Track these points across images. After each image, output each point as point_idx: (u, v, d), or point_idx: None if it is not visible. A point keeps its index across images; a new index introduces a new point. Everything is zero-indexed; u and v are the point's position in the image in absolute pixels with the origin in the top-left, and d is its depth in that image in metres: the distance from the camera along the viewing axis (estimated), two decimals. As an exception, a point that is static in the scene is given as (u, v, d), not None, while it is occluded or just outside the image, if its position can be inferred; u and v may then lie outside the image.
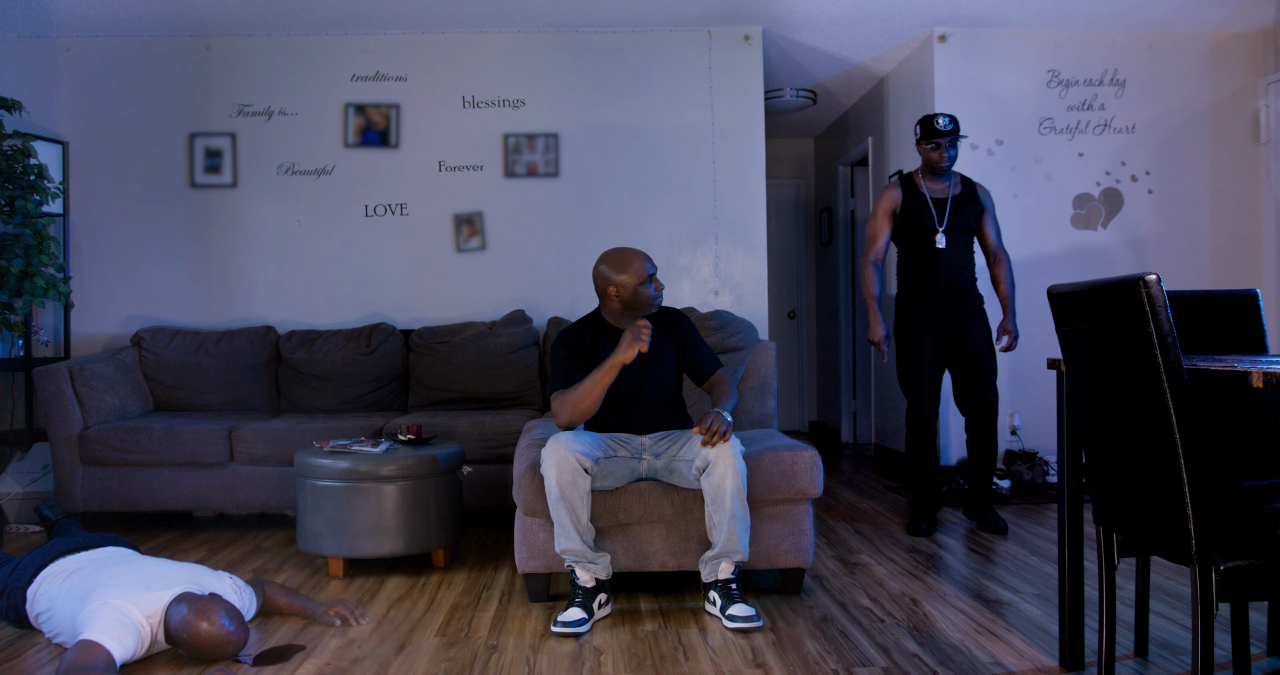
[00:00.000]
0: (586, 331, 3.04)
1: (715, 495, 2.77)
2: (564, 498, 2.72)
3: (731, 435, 2.78)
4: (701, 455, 2.77)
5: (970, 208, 4.01)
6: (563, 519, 2.75)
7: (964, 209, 4.00)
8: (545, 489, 2.78)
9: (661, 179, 5.10)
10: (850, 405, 7.07)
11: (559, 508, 2.74)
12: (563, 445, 2.73)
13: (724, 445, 2.75)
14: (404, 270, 5.06)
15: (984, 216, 4.04)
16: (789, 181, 7.79)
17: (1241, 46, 5.16)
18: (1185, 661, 2.40)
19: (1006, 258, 4.07)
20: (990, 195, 4.14)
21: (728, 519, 2.76)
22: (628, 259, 2.98)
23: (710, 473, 2.77)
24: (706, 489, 2.79)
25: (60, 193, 4.71)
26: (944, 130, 3.94)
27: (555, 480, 2.71)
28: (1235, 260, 5.15)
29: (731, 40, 5.12)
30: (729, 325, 4.08)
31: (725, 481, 2.74)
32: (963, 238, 4.02)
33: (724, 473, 2.74)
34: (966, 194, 4.03)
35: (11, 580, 2.73)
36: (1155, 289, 1.79)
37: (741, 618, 2.72)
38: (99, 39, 5.00)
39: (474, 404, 4.62)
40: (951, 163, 3.99)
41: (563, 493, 2.72)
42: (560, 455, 2.71)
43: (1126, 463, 1.97)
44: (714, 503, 2.78)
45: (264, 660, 2.44)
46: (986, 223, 4.05)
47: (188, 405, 4.68)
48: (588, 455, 2.75)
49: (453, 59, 5.09)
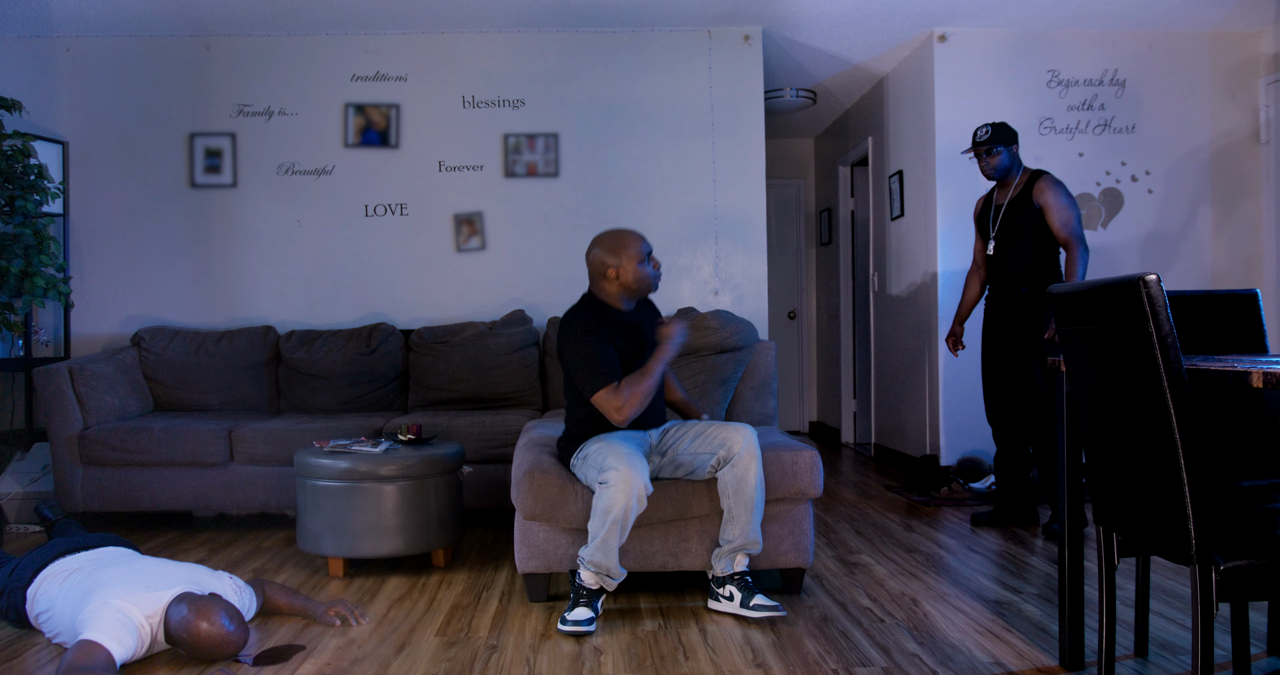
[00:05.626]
0: (593, 317, 2.90)
1: (737, 487, 2.78)
2: (621, 521, 2.69)
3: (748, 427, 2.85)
4: (726, 448, 2.79)
5: (1026, 211, 3.93)
6: (610, 539, 2.71)
7: (1019, 213, 3.95)
8: (600, 506, 2.70)
9: (661, 179, 5.10)
10: (850, 405, 7.07)
11: (612, 530, 2.70)
12: (636, 473, 2.67)
13: (747, 436, 2.78)
14: (404, 270, 5.06)
15: (1045, 214, 3.89)
16: (789, 181, 7.79)
17: (1241, 46, 5.16)
18: (1185, 661, 2.40)
19: (1076, 246, 3.85)
20: (1053, 188, 3.89)
21: (749, 510, 2.79)
22: (624, 239, 2.92)
23: (733, 465, 2.78)
24: (728, 481, 2.80)
25: (60, 193, 4.71)
26: (978, 141, 4.00)
27: (622, 506, 2.66)
28: (1235, 260, 5.15)
29: (731, 40, 5.12)
30: (729, 325, 4.08)
31: (748, 473, 2.78)
32: (1019, 242, 3.95)
33: (747, 465, 2.78)
34: (1023, 197, 3.96)
35: (11, 580, 2.73)
36: (1155, 289, 1.79)
37: (767, 607, 2.75)
38: (99, 39, 5.00)
39: (474, 404, 4.62)
40: (999, 171, 3.99)
41: (623, 518, 2.68)
42: (633, 482, 2.65)
43: (1126, 463, 1.97)
44: (735, 495, 2.79)
45: (264, 660, 2.44)
46: (1050, 218, 3.88)
47: (188, 405, 4.67)
48: (650, 483, 2.73)
49: (453, 59, 5.09)
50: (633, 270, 2.90)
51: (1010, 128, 4.00)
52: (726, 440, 2.81)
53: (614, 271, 2.91)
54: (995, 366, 4.08)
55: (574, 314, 2.93)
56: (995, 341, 4.08)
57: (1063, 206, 3.88)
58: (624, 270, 2.90)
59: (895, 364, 5.90)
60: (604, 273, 2.93)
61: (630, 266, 2.90)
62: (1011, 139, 3.99)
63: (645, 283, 2.94)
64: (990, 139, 3.96)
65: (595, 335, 2.83)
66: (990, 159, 3.99)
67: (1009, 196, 4.02)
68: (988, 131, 3.98)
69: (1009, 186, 4.04)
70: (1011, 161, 4.00)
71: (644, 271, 2.92)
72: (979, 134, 4.01)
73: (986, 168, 4.03)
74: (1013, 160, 4.00)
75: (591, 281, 3.00)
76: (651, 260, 2.95)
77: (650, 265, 2.94)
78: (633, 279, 2.91)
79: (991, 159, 3.99)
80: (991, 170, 4.01)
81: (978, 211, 4.22)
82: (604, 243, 2.94)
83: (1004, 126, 3.98)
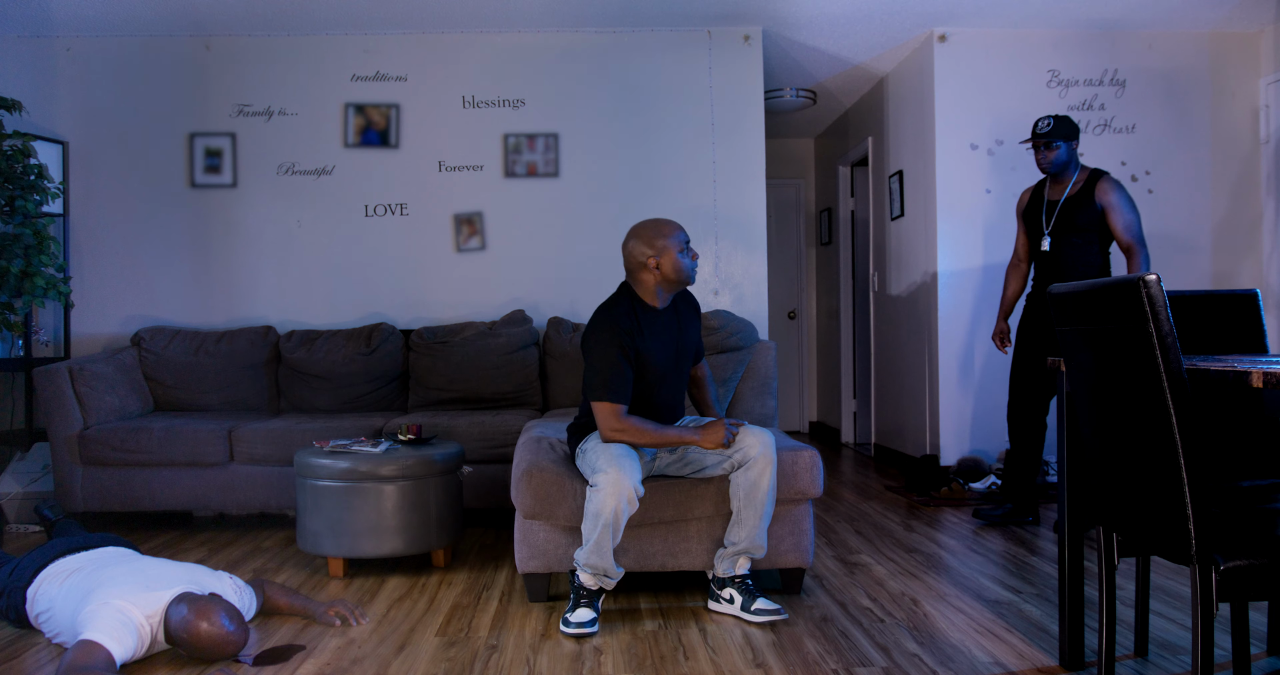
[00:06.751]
0: (628, 317, 2.82)
1: (750, 491, 2.79)
2: (612, 525, 2.68)
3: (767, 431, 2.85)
4: (743, 451, 2.79)
5: (1085, 210, 3.86)
6: (603, 541, 2.70)
7: (1077, 211, 3.88)
8: (590, 509, 2.70)
9: (661, 179, 5.10)
10: (850, 405, 7.07)
11: (605, 532, 2.69)
12: (625, 476, 2.65)
13: (765, 442, 2.78)
14: (404, 270, 5.06)
15: (1107, 216, 3.83)
16: (789, 181, 7.79)
17: (1241, 46, 5.16)
18: (1185, 661, 2.40)
19: (1139, 251, 3.80)
20: (1117, 190, 3.84)
21: (758, 515, 2.79)
22: (662, 228, 2.84)
23: (748, 468, 2.78)
24: (741, 484, 2.80)
25: (60, 193, 4.71)
26: (1038, 132, 3.93)
27: (612, 509, 2.65)
28: (1235, 260, 5.15)
29: (731, 40, 5.12)
30: (729, 325, 4.08)
31: (763, 478, 2.78)
32: (1074, 240, 3.90)
33: (762, 470, 2.78)
34: (1083, 195, 3.89)
35: (11, 580, 2.73)
36: (1155, 289, 1.79)
37: (769, 611, 2.75)
38: (99, 39, 5.00)
39: (474, 404, 4.62)
40: (1055, 165, 3.93)
41: (613, 520, 2.67)
42: (622, 486, 2.64)
43: (1126, 462, 1.97)
44: (747, 498, 2.79)
45: (264, 660, 2.44)
46: (1113, 221, 3.83)
47: (188, 405, 4.67)
48: (640, 486, 2.72)
49: (453, 59, 5.09)
50: (672, 260, 2.83)
51: (1073, 122, 3.93)
52: (743, 443, 2.80)
53: (654, 261, 2.83)
54: (1029, 364, 4.02)
55: (607, 310, 2.84)
56: (1033, 339, 4.01)
57: (1126, 209, 3.82)
58: (664, 261, 2.83)
59: (895, 364, 5.90)
60: (643, 264, 2.85)
61: (670, 256, 2.83)
62: (1073, 134, 3.92)
63: (684, 273, 2.86)
64: (1051, 131, 3.89)
65: (617, 347, 2.76)
66: (1049, 152, 3.92)
67: (1065, 193, 3.94)
68: (1049, 123, 3.91)
69: (1063, 183, 3.97)
70: (1070, 157, 3.94)
71: (683, 261, 2.85)
72: (1040, 125, 3.93)
73: (1044, 161, 3.95)
74: (1071, 156, 3.94)
75: (629, 274, 2.92)
76: (689, 250, 2.88)
77: (689, 255, 2.87)
78: (672, 269, 2.83)
79: (1050, 152, 3.92)
80: (1049, 164, 3.94)
81: (1024, 205, 4.12)
82: (641, 233, 2.86)
83: (1066, 120, 3.92)
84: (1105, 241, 3.91)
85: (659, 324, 2.89)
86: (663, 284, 2.87)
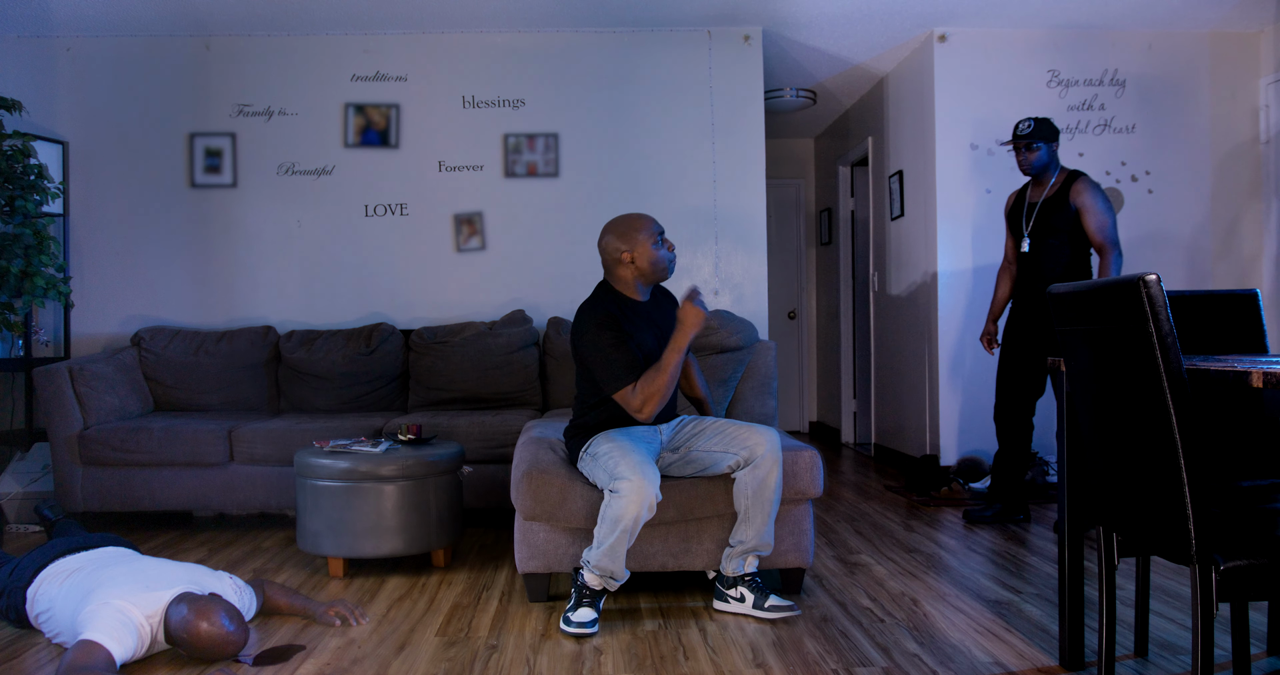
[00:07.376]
0: (612, 306, 2.84)
1: (758, 490, 2.79)
2: (630, 530, 2.67)
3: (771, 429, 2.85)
4: (749, 450, 2.79)
5: (1061, 212, 3.89)
6: (618, 546, 2.69)
7: (1053, 213, 3.91)
8: (609, 514, 2.68)
9: (661, 179, 5.10)
10: (850, 405, 7.07)
11: (621, 538, 2.68)
12: (649, 484, 2.64)
13: (771, 441, 2.79)
14: (404, 270, 5.06)
15: (1081, 217, 3.85)
16: (789, 181, 7.79)
17: (1241, 46, 5.16)
18: (1185, 661, 2.40)
19: (1110, 251, 3.82)
20: (1091, 191, 3.86)
21: (766, 513, 2.80)
22: (635, 222, 2.87)
23: (755, 467, 2.79)
24: (747, 483, 2.80)
25: (60, 193, 4.71)
26: (1019, 134, 3.96)
27: (633, 517, 2.64)
28: (1235, 260, 5.15)
29: (731, 40, 5.12)
30: (729, 325, 4.08)
31: (770, 477, 2.78)
32: (1051, 242, 3.92)
33: (769, 469, 2.78)
34: (1059, 197, 3.92)
35: (11, 580, 2.73)
36: (1155, 289, 1.79)
37: (783, 607, 2.77)
38: (99, 39, 5.00)
39: (474, 404, 4.62)
40: (1035, 167, 3.95)
41: (633, 527, 2.66)
42: (645, 494, 2.63)
43: (1126, 462, 1.97)
44: (754, 497, 2.80)
45: (264, 660, 2.44)
46: (1087, 221, 3.84)
47: (188, 405, 4.67)
48: (660, 492, 2.70)
49: (453, 59, 5.09)
50: (647, 253, 2.85)
51: (1053, 125, 3.96)
52: (749, 442, 2.80)
53: (628, 256, 2.86)
54: (1015, 365, 4.05)
55: (590, 307, 2.87)
56: (1019, 340, 4.04)
57: (1100, 210, 3.84)
58: (639, 254, 2.85)
59: (895, 364, 5.90)
60: (619, 258, 2.87)
61: (644, 249, 2.85)
62: (1053, 136, 3.94)
63: (661, 266, 2.88)
64: (1031, 133, 3.92)
65: (614, 331, 2.77)
66: (1029, 154, 3.95)
67: (1044, 195, 3.97)
68: (1030, 126, 3.93)
69: (1044, 184, 4.00)
70: (1050, 158, 3.96)
71: (659, 253, 2.87)
72: (1020, 127, 3.96)
73: (1024, 162, 3.98)
74: (1051, 158, 3.96)
75: (606, 271, 2.95)
76: (665, 241, 2.90)
77: (664, 247, 2.89)
78: (647, 262, 2.86)
79: (1030, 154, 3.95)
80: (1029, 166, 3.97)
81: (1009, 207, 4.16)
82: (615, 228, 2.89)
83: (1047, 122, 3.94)
84: (1082, 243, 3.92)
85: (642, 315, 2.91)
86: (640, 277, 2.90)
